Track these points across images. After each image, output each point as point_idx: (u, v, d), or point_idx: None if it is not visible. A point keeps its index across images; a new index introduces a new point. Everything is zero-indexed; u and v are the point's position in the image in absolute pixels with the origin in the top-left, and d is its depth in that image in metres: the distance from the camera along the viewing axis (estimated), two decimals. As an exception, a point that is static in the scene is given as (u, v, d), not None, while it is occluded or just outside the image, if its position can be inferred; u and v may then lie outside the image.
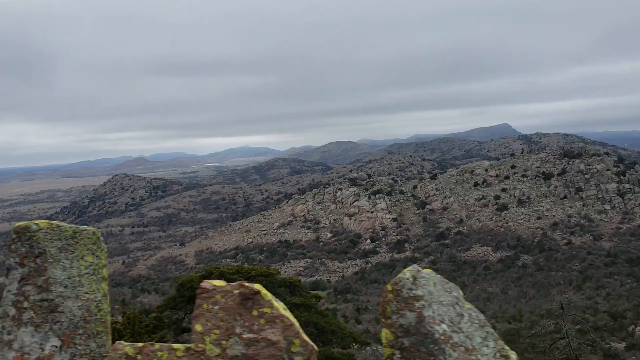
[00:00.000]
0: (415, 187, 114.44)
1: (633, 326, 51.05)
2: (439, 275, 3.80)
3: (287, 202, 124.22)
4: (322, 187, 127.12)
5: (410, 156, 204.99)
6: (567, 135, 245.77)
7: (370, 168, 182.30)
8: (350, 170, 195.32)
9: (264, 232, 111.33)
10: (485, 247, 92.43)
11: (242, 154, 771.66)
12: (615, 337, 46.90)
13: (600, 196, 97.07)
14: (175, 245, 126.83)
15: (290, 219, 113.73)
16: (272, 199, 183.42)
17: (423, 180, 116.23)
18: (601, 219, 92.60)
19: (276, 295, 4.56)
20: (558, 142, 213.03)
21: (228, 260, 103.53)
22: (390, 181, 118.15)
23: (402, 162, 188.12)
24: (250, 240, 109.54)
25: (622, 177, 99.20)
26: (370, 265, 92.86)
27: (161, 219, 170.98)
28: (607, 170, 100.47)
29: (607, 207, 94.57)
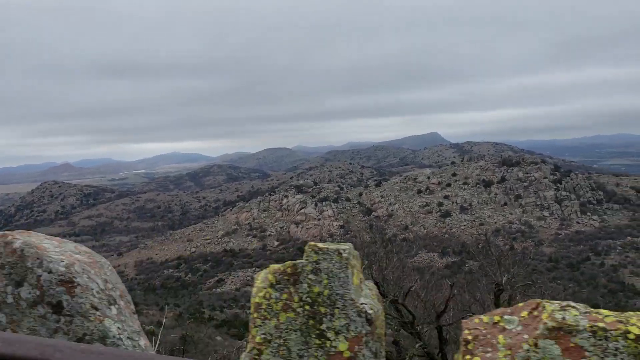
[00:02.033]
0: (360, 194, 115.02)
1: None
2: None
3: (230, 210, 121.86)
4: (267, 194, 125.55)
5: (350, 163, 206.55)
6: (496, 144, 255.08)
7: (310, 175, 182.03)
8: (291, 178, 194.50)
9: (208, 241, 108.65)
10: (431, 253, 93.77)
11: (173, 161, 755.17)
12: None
13: (538, 203, 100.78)
14: (112, 255, 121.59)
15: (235, 227, 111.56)
16: (210, 206, 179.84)
17: (368, 188, 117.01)
18: (540, 225, 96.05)
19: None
20: (489, 150, 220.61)
21: (170, 270, 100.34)
22: (337, 188, 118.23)
23: (342, 169, 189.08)
24: (193, 249, 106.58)
25: (558, 184, 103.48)
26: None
27: (94, 228, 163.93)
28: (545, 178, 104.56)
29: (546, 213, 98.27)
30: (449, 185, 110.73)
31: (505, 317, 2.52)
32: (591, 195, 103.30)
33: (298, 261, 3.15)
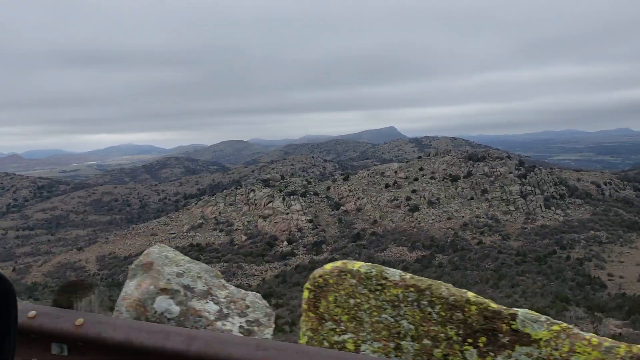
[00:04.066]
0: (328, 188, 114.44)
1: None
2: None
3: (195, 204, 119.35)
4: (233, 188, 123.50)
5: (313, 157, 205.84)
6: (454, 138, 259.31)
7: (273, 169, 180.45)
8: (252, 171, 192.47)
9: (173, 235, 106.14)
10: (401, 247, 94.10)
11: (125, 152, 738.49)
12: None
13: (504, 197, 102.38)
14: (71, 249, 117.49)
15: (200, 221, 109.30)
16: (170, 199, 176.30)
17: (336, 182, 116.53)
18: (507, 220, 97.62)
19: None
20: (447, 145, 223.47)
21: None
22: (304, 182, 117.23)
23: (305, 163, 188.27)
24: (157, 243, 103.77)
25: (523, 179, 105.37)
26: (289, 267, 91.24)
27: (49, 222, 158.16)
28: (510, 173, 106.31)
29: (512, 208, 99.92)
30: (416, 179, 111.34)
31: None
32: (554, 190, 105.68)
33: None
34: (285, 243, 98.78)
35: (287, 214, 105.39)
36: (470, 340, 3.36)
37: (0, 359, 1.15)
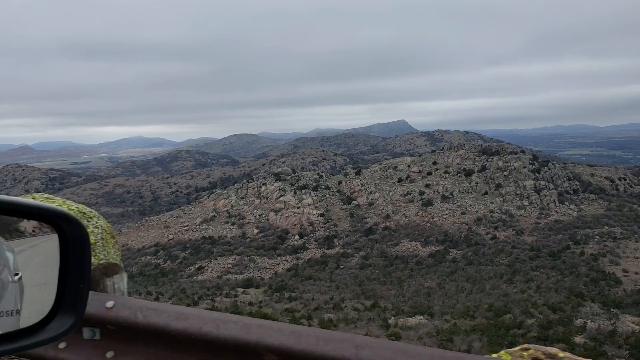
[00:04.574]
0: (340, 182, 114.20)
1: (581, 320, 53.48)
2: None
3: (207, 197, 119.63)
4: (245, 181, 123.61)
5: (323, 151, 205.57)
6: (466, 132, 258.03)
7: (283, 162, 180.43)
8: (263, 164, 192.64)
9: (186, 227, 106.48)
10: (414, 242, 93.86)
11: (136, 145, 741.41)
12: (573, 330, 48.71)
13: (518, 192, 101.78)
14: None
15: (212, 214, 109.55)
16: (181, 192, 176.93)
17: (348, 176, 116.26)
18: (521, 214, 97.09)
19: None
20: (459, 139, 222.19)
21: (148, 257, 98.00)
22: (316, 176, 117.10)
23: (315, 157, 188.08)
24: (171, 236, 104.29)
25: (537, 174, 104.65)
26: (301, 261, 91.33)
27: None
28: (524, 167, 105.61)
29: (526, 202, 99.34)
30: (429, 173, 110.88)
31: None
32: (568, 185, 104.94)
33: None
34: (297, 237, 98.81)
35: (298, 207, 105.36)
36: None
37: (79, 302, 1.21)
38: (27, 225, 1.32)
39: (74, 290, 1.22)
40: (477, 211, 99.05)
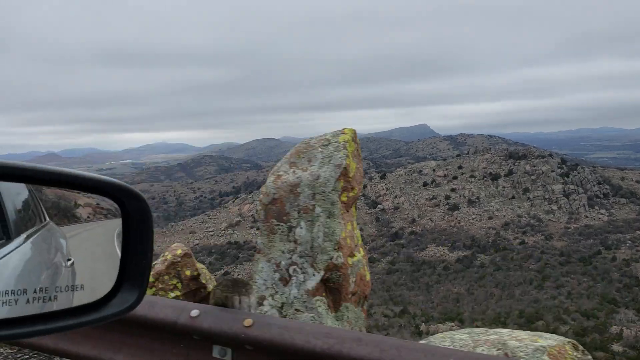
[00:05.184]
0: (365, 186, 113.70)
1: (616, 327, 52.40)
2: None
3: (232, 202, 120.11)
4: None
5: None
6: (490, 136, 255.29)
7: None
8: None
9: (211, 233, 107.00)
10: (441, 247, 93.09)
11: (159, 151, 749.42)
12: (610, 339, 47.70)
13: (546, 197, 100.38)
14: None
15: (237, 219, 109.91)
16: (205, 197, 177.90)
17: (372, 180, 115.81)
18: (549, 219, 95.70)
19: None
20: (483, 142, 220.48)
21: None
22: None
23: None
24: (196, 241, 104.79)
25: (566, 178, 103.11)
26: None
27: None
28: (552, 171, 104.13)
29: (554, 207, 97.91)
30: (455, 178, 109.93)
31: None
32: (598, 189, 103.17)
33: None
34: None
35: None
36: None
37: (142, 277, 1.23)
38: (83, 211, 1.39)
39: (137, 266, 1.24)
40: (504, 216, 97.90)
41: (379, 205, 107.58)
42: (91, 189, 1.28)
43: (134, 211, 1.26)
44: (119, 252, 1.29)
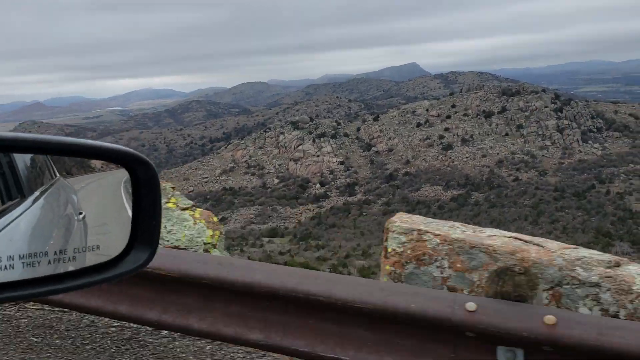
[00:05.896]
0: (358, 129, 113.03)
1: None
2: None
3: (225, 148, 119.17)
4: (261, 131, 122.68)
5: (337, 97, 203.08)
6: (481, 73, 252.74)
7: (297, 110, 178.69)
8: (277, 113, 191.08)
9: (205, 179, 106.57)
10: (435, 187, 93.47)
11: (145, 97, 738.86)
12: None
13: (540, 132, 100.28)
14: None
15: (231, 165, 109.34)
16: (196, 144, 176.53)
17: (366, 122, 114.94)
18: (543, 155, 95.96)
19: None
20: (474, 80, 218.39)
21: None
22: (334, 124, 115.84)
23: (329, 104, 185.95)
24: (191, 188, 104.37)
25: (559, 113, 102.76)
26: (324, 209, 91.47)
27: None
28: (546, 107, 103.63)
29: (548, 143, 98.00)
30: (448, 117, 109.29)
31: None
32: (591, 123, 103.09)
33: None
34: (318, 185, 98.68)
35: (318, 156, 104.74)
36: None
37: (152, 238, 1.30)
38: (97, 162, 1.43)
39: (148, 227, 1.31)
40: (498, 153, 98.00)
41: (373, 148, 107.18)
42: (103, 157, 1.37)
43: (144, 177, 1.33)
44: (126, 204, 1.35)
